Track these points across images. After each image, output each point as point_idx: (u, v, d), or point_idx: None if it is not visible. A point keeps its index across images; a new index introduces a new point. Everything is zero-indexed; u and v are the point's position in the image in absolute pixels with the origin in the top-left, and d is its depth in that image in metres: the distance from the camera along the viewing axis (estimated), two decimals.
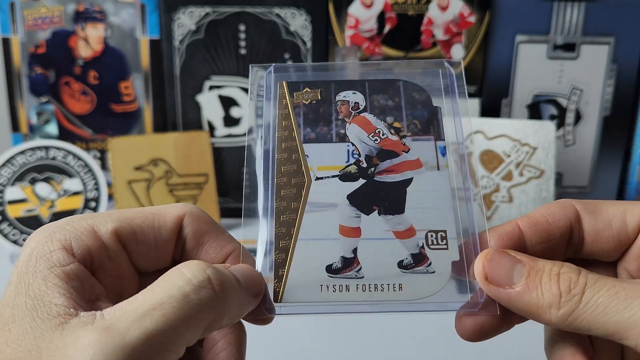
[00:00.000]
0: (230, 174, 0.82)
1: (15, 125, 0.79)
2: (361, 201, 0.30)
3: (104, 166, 0.80)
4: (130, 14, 0.77)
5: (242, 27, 0.77)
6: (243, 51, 0.77)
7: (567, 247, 0.28)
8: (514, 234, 0.28)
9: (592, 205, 0.28)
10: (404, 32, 0.77)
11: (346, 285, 0.28)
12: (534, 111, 0.81)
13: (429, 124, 0.32)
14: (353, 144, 0.31)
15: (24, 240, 0.67)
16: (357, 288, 0.28)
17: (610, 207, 0.28)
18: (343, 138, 0.32)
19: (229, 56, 0.78)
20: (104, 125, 0.79)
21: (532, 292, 0.24)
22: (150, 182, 0.74)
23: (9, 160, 0.69)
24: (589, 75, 0.79)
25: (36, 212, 0.69)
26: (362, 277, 0.28)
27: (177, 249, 0.27)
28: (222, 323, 0.23)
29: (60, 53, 0.77)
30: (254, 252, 0.29)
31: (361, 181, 0.30)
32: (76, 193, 0.70)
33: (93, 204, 0.70)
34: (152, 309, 0.21)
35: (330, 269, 0.28)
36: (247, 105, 0.80)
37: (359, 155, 0.31)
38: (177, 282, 0.22)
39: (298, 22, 0.77)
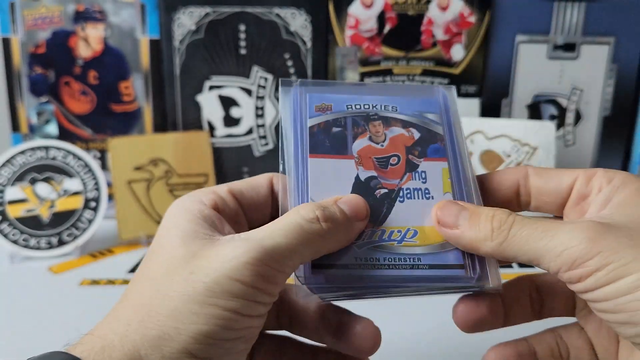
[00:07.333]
0: (230, 174, 0.82)
1: (15, 125, 0.79)
2: None
3: (104, 166, 0.80)
4: (130, 14, 0.77)
5: (242, 27, 0.77)
6: (243, 51, 0.77)
7: (519, 201, 0.34)
8: None
9: (541, 169, 0.34)
10: (404, 32, 0.77)
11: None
12: (534, 111, 0.81)
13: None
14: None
15: (24, 240, 0.67)
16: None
17: (554, 170, 0.33)
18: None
19: (229, 56, 0.78)
20: (103, 125, 0.79)
21: (472, 230, 0.30)
22: (150, 182, 0.74)
23: (9, 160, 0.68)
24: (589, 75, 0.79)
25: (36, 212, 0.68)
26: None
27: (274, 207, 0.35)
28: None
29: (60, 53, 0.77)
30: None
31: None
32: (76, 193, 0.70)
33: (93, 204, 0.69)
34: (279, 229, 0.28)
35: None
36: (246, 105, 0.80)
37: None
38: (295, 217, 0.29)
39: (298, 22, 0.77)
